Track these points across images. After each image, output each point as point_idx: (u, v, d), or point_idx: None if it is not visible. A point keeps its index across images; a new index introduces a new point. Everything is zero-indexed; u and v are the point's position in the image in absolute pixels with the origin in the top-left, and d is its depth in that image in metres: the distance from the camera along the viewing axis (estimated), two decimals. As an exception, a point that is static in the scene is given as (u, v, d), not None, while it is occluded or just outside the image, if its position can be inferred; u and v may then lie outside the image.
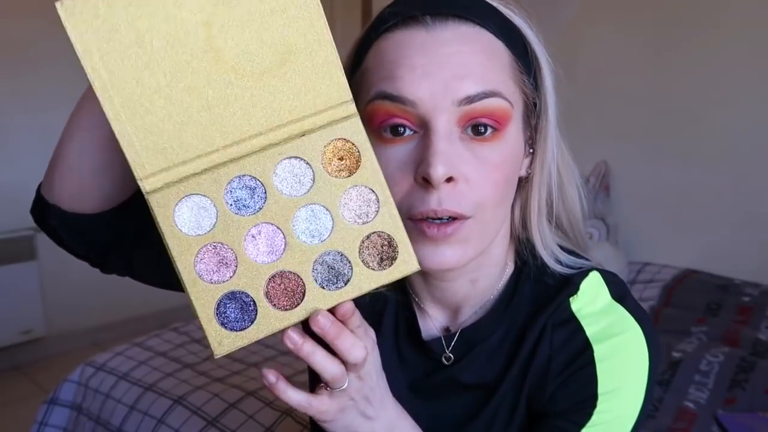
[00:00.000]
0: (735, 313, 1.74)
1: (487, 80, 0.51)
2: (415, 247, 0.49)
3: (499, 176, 0.53)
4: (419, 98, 0.50)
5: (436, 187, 0.50)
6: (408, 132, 0.52)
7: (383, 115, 0.52)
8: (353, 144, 0.47)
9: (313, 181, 0.47)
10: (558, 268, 0.60)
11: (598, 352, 0.58)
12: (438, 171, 0.49)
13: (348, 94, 0.47)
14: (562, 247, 0.62)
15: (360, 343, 0.47)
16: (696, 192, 2.04)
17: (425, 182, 0.51)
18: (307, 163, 0.47)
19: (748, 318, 1.71)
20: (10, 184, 2.74)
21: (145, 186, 0.46)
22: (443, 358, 0.63)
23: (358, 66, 0.56)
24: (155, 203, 0.46)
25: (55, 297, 2.90)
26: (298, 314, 0.47)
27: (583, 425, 0.58)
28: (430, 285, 0.63)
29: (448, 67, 0.50)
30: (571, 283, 0.60)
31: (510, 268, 0.63)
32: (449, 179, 0.51)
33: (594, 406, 0.58)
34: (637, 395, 0.58)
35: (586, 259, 0.63)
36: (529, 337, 0.60)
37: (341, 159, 0.47)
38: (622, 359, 0.58)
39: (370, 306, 0.65)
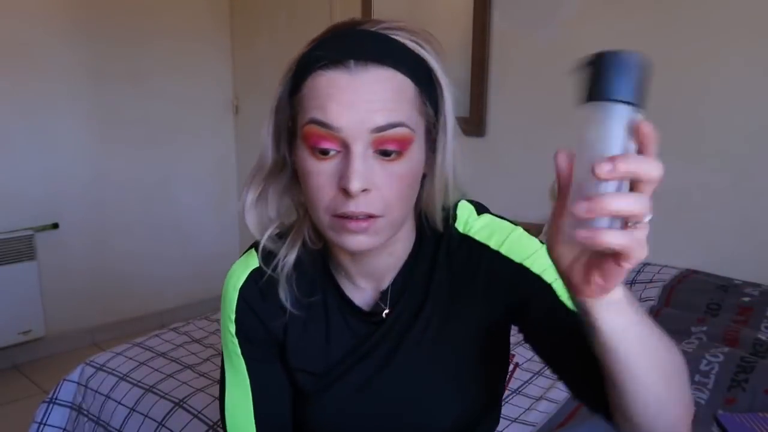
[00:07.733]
0: (735, 313, 1.74)
1: (394, 114, 0.66)
2: (340, 236, 0.69)
3: (403, 185, 0.69)
4: (342, 126, 0.65)
5: (354, 196, 0.66)
6: (333, 152, 0.67)
7: (315, 137, 0.67)
8: None
9: None
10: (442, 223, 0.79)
11: (495, 245, 0.77)
12: (355, 185, 0.65)
13: None
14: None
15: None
16: (696, 192, 2.04)
17: (345, 192, 0.66)
18: None
19: (748, 318, 1.71)
20: (10, 184, 2.74)
21: None
22: (383, 314, 0.81)
23: (295, 92, 0.70)
24: None
25: (55, 297, 2.90)
26: None
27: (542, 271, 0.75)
28: (359, 263, 0.80)
29: (364, 103, 0.65)
30: (448, 216, 0.79)
31: (414, 235, 0.81)
32: (364, 190, 0.66)
33: (530, 271, 0.75)
34: (541, 248, 0.76)
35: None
36: (437, 268, 0.79)
37: None
38: (512, 238, 0.77)
39: (308, 303, 0.80)
